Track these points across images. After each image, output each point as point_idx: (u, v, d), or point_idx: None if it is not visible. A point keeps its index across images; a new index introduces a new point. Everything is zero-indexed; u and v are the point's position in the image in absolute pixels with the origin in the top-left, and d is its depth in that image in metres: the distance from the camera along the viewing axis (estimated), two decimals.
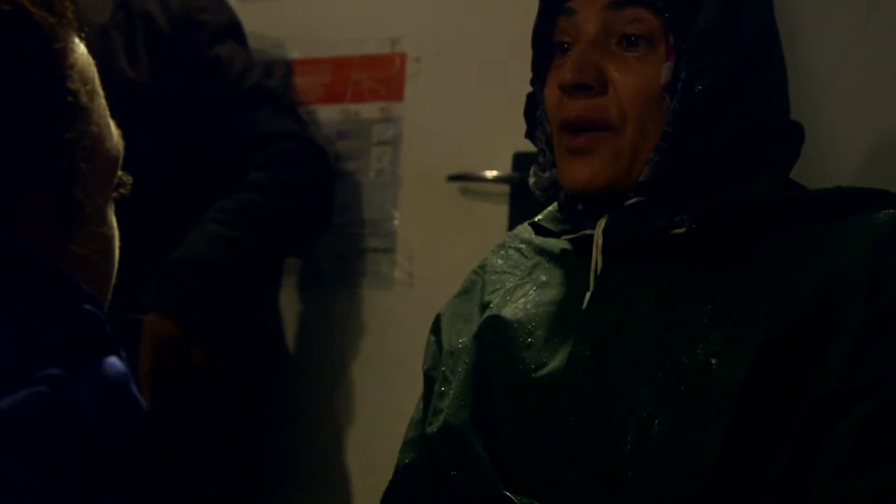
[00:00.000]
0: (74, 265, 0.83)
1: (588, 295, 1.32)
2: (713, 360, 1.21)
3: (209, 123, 2.30)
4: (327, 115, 2.55)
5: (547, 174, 1.38)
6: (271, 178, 2.28)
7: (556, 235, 1.40)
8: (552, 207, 1.42)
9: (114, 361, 0.77)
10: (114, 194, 0.90)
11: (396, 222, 2.47)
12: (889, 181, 1.38)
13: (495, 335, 1.36)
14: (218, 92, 2.30)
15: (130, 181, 0.91)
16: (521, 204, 2.31)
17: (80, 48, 0.85)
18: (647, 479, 1.21)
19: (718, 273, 1.27)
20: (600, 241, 1.32)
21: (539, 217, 1.43)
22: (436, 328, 1.47)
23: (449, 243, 2.39)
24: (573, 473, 1.25)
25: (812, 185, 1.38)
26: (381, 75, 2.51)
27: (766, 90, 1.32)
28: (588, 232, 1.34)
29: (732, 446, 1.19)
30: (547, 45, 1.38)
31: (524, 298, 1.38)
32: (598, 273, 1.32)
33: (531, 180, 1.40)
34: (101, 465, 0.72)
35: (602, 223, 1.32)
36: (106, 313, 0.80)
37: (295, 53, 2.59)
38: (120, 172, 0.91)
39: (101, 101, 0.88)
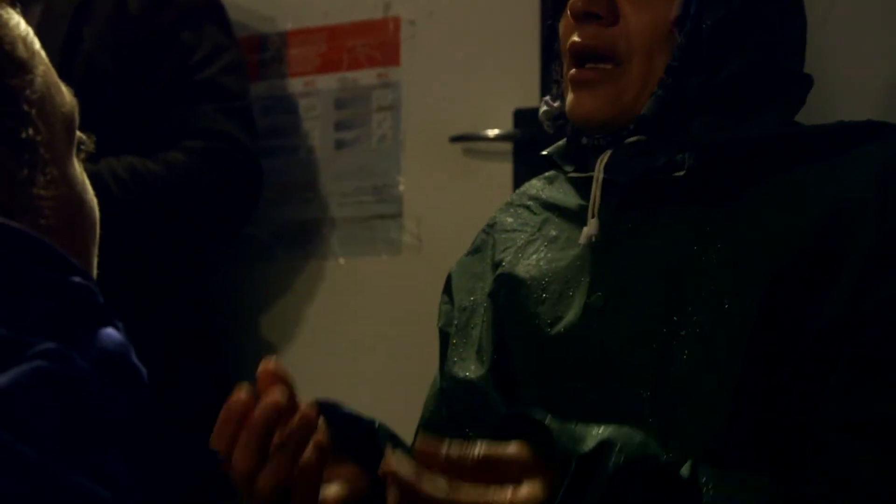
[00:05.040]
0: (49, 231, 0.83)
1: (584, 232, 1.31)
2: (724, 300, 1.21)
3: (153, 106, 2.23)
4: (325, 84, 2.55)
5: (557, 104, 1.39)
6: (186, 166, 2.19)
7: (563, 172, 1.40)
8: (561, 142, 1.42)
9: (110, 332, 0.76)
10: (81, 156, 0.92)
11: (402, 187, 2.46)
12: None
13: (509, 293, 1.36)
14: (170, 77, 2.24)
15: (93, 141, 0.93)
16: (525, 161, 2.30)
17: (14, 17, 0.88)
18: (668, 422, 1.21)
19: (725, 211, 1.27)
20: (601, 176, 1.32)
21: (549, 150, 1.43)
22: (447, 288, 1.47)
23: (455, 204, 2.39)
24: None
25: None
26: (377, 41, 2.51)
27: (777, 37, 1.31)
28: (593, 174, 1.34)
29: (748, 382, 1.19)
30: None
31: (536, 255, 1.38)
32: (598, 210, 1.32)
33: (541, 109, 1.40)
34: (105, 436, 0.71)
35: (604, 158, 1.32)
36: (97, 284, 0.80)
37: (288, 25, 2.59)
38: (80, 133, 0.93)
39: (45, 60, 0.89)
